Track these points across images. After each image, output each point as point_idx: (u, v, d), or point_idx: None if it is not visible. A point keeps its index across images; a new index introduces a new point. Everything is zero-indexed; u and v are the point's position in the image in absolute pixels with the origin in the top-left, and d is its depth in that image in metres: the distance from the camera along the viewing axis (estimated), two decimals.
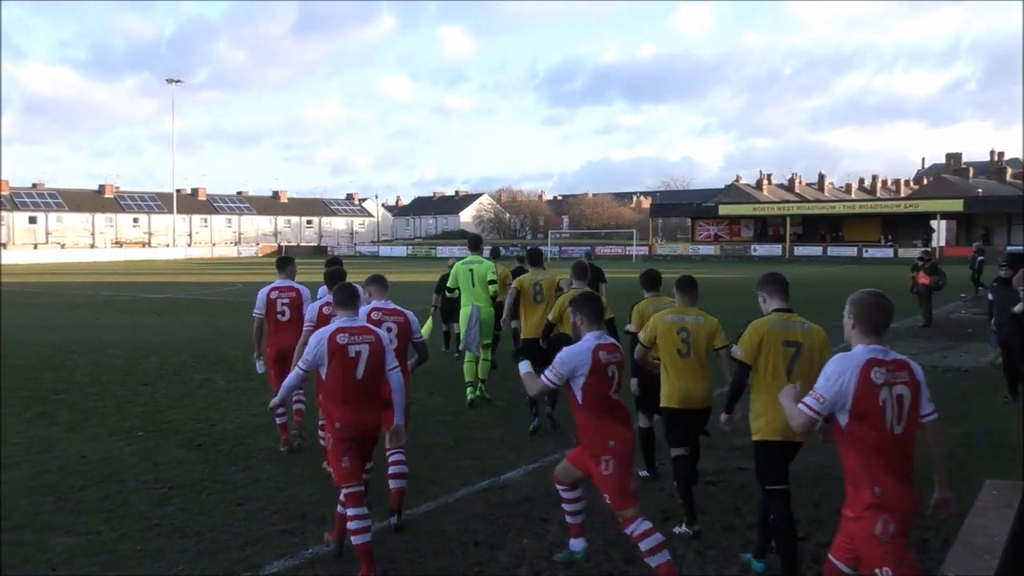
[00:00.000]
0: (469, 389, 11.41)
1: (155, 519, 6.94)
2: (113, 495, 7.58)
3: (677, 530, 6.57)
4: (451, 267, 12.43)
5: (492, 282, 11.52)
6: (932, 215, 72.06)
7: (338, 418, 5.95)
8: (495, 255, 13.97)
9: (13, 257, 75.03)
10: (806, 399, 4.19)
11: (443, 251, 71.49)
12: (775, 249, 75.39)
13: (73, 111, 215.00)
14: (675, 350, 6.74)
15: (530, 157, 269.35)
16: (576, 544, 5.98)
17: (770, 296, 5.98)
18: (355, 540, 5.78)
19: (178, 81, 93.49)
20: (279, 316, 9.07)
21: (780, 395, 4.42)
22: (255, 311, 9.23)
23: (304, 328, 8.00)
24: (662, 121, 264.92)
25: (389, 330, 6.98)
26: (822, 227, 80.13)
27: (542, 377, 5.52)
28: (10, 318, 23.49)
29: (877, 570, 3.97)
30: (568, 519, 6.08)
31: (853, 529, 4.12)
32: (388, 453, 6.83)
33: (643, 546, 5.32)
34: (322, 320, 7.59)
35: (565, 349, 5.56)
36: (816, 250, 73.07)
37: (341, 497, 6.02)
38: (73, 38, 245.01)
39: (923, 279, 20.26)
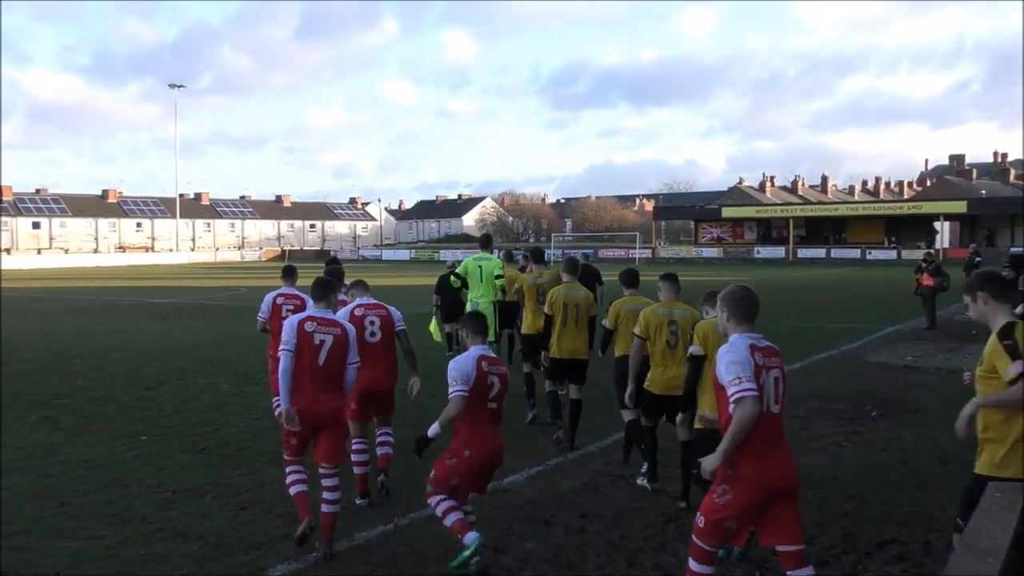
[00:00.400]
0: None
1: (158, 523, 6.94)
2: (116, 499, 7.59)
3: (639, 481, 7.49)
4: (451, 268, 14.58)
5: (499, 277, 12.33)
6: (935, 217, 72.02)
7: (294, 401, 6.42)
8: (508, 259, 14.50)
9: (16, 262, 75.16)
10: (742, 386, 4.48)
11: (446, 254, 71.59)
12: (778, 251, 75.33)
13: (77, 116, 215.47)
14: (665, 342, 7.35)
15: (533, 160, 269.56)
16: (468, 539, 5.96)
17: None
18: (292, 490, 6.56)
19: (181, 86, 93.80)
20: (283, 322, 9.08)
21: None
22: (260, 315, 9.53)
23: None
24: (665, 124, 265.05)
25: (372, 323, 7.65)
26: (825, 229, 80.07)
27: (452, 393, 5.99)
28: (13, 323, 23.53)
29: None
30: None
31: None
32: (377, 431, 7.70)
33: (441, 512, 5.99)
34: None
35: (453, 360, 6.14)
36: (819, 252, 73.01)
37: (287, 479, 6.66)
38: (76, 43, 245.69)
39: (927, 281, 20.24)
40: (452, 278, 13.62)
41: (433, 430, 5.99)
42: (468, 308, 12.35)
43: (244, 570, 5.99)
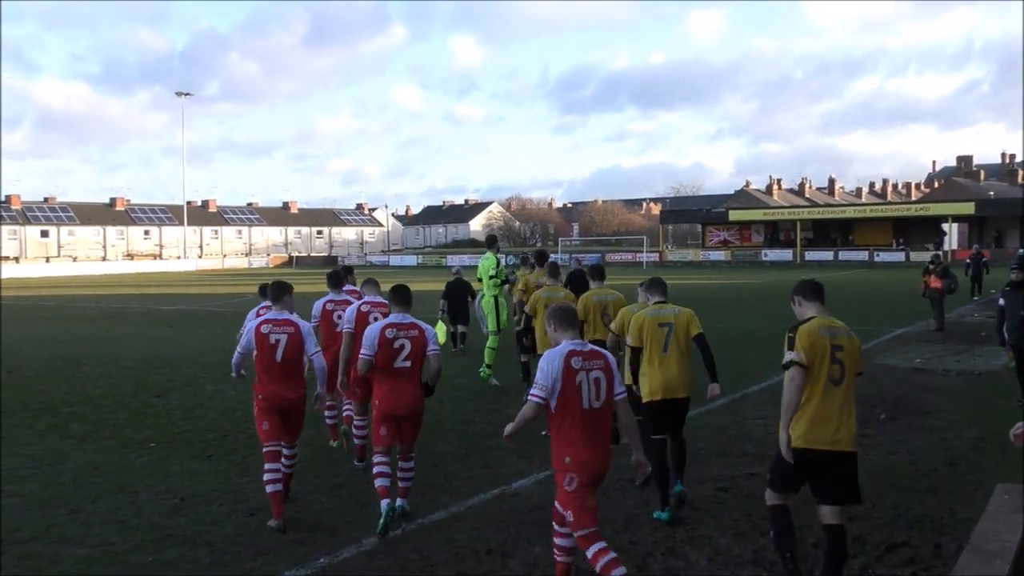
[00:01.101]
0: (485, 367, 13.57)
1: (167, 530, 6.96)
2: (125, 506, 7.61)
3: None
4: (456, 274, 16.90)
5: (492, 276, 13.72)
6: (943, 218, 71.82)
7: (260, 392, 7.37)
8: (525, 262, 15.46)
9: (25, 271, 75.48)
10: (532, 389, 5.32)
11: (452, 260, 71.64)
12: (786, 254, 75.20)
13: (86, 125, 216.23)
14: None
15: (540, 165, 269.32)
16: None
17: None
18: (268, 488, 7.09)
19: (188, 94, 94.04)
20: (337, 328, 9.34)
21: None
22: (346, 325, 8.52)
23: (345, 330, 8.34)
24: (673, 127, 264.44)
25: (376, 319, 8.02)
26: (833, 231, 79.92)
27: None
28: (23, 331, 23.63)
29: (565, 512, 5.32)
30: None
31: (557, 482, 5.38)
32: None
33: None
34: (360, 319, 8.30)
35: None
36: (827, 255, 72.84)
37: (265, 476, 7.20)
38: (87, 52, 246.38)
39: (935, 283, 20.18)
40: (478, 281, 14.94)
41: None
42: (487, 303, 13.97)
43: None
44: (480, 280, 14.33)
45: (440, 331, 15.93)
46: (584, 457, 5.27)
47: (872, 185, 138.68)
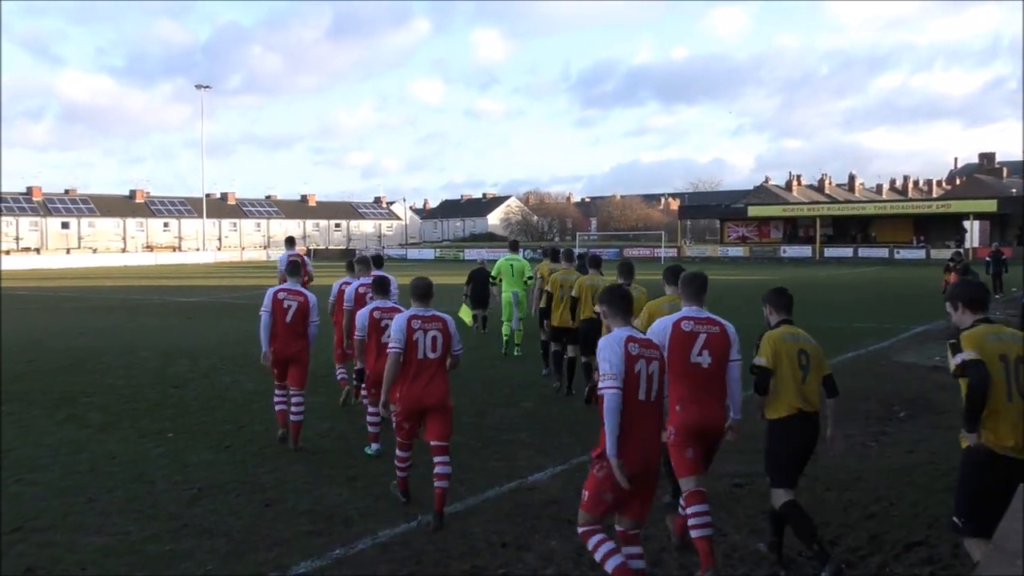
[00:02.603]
0: (505, 344, 15.87)
1: (184, 520, 6.99)
2: (143, 496, 7.65)
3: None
4: (481, 263, 19.32)
5: (529, 277, 15.62)
6: (965, 215, 71.13)
7: (271, 345, 9.48)
8: (546, 254, 16.15)
9: (46, 262, 76.04)
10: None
11: (471, 253, 71.75)
12: (805, 250, 74.78)
13: (109, 118, 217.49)
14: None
15: (560, 160, 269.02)
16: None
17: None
18: (277, 408, 9.59)
19: (207, 87, 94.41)
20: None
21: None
22: (345, 304, 10.71)
23: (345, 307, 10.63)
24: (694, 123, 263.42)
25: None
26: (853, 228, 79.39)
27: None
28: (44, 322, 23.83)
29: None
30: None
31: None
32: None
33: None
34: (359, 300, 10.31)
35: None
36: (847, 251, 72.38)
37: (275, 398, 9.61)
38: (111, 45, 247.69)
39: (955, 280, 20.04)
40: (491, 279, 16.94)
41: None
42: (507, 296, 15.78)
43: (268, 567, 6.01)
44: (496, 278, 16.33)
45: (465, 313, 18.48)
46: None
47: (893, 182, 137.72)
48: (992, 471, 5.01)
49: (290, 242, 10.07)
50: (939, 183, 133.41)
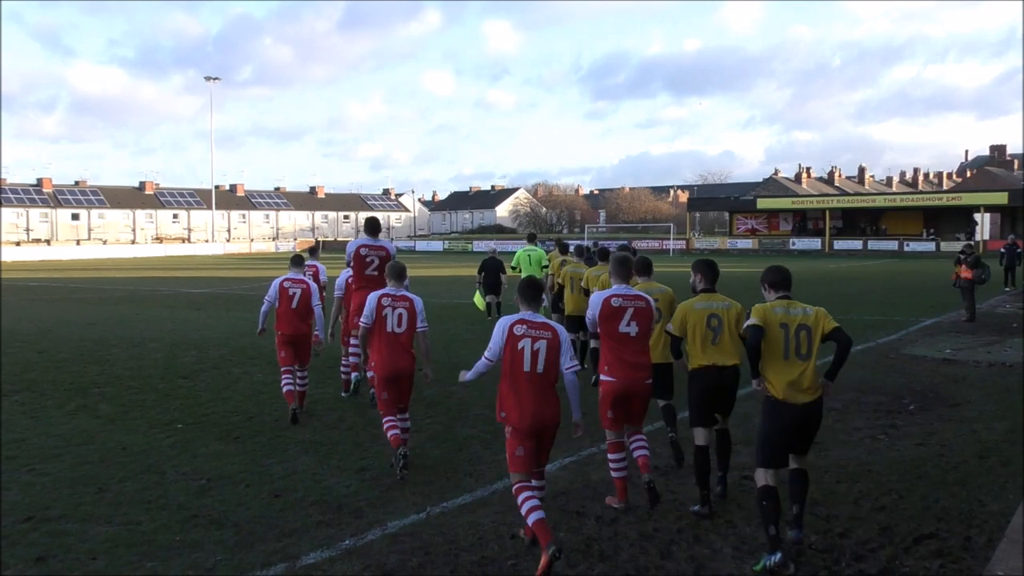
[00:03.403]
0: None
1: (194, 510, 7.01)
2: (153, 486, 7.68)
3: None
4: (493, 252, 20.80)
5: (545, 265, 16.40)
6: (975, 208, 70.85)
7: (280, 329, 10.48)
8: (556, 245, 17.46)
9: (56, 253, 76.39)
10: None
11: (479, 245, 71.88)
12: (814, 243, 74.61)
13: (120, 109, 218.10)
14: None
15: (569, 152, 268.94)
16: None
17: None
18: (284, 390, 10.39)
19: (216, 79, 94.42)
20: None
21: None
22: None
23: (336, 295, 11.46)
24: (705, 115, 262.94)
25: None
26: (862, 221, 79.13)
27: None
28: (55, 313, 23.91)
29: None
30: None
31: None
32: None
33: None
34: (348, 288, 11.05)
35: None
36: (856, 244, 72.20)
37: (284, 381, 10.44)
38: (123, 37, 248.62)
39: (965, 273, 19.93)
40: (512, 268, 18.07)
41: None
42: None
43: (277, 557, 6.02)
44: (516, 267, 17.62)
45: (479, 300, 19.92)
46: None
47: (903, 174, 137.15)
48: (778, 414, 6.08)
49: (298, 261, 9.62)
50: (950, 175, 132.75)
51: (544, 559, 5.50)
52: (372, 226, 11.18)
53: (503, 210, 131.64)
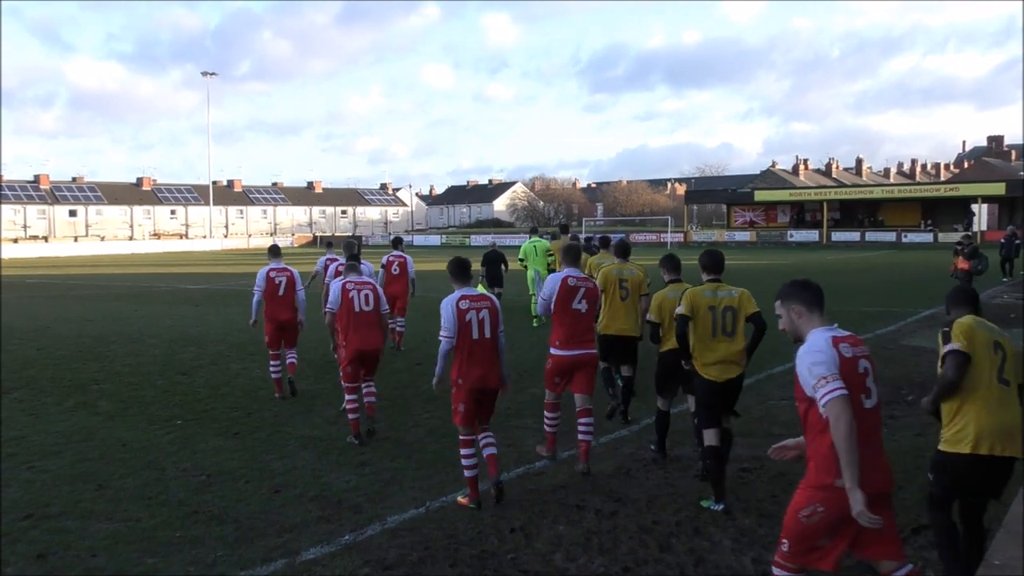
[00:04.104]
0: (535, 319, 17.85)
1: (194, 506, 7.02)
2: (152, 483, 7.68)
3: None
4: (493, 246, 20.59)
5: (549, 253, 18.21)
6: (973, 199, 70.76)
7: (269, 316, 11.35)
8: (564, 230, 19.44)
9: (54, 250, 76.33)
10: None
11: (476, 239, 71.88)
12: (812, 235, 74.57)
13: (118, 104, 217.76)
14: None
15: (568, 145, 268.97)
16: None
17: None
18: (273, 376, 11.44)
19: (213, 74, 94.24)
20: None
21: None
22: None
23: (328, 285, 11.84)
24: (704, 106, 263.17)
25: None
26: (860, 212, 79.07)
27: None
28: (53, 310, 23.90)
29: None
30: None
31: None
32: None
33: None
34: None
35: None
36: (854, 235, 72.15)
37: (272, 367, 11.53)
38: (122, 31, 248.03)
39: (962, 264, 19.94)
40: (519, 261, 19.14)
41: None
42: (530, 273, 18.54)
43: (277, 553, 6.03)
44: (523, 259, 18.80)
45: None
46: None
47: (900, 165, 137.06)
48: (707, 388, 6.99)
49: (276, 251, 11.01)
50: (947, 166, 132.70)
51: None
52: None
53: (501, 204, 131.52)
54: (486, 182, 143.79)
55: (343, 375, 9.35)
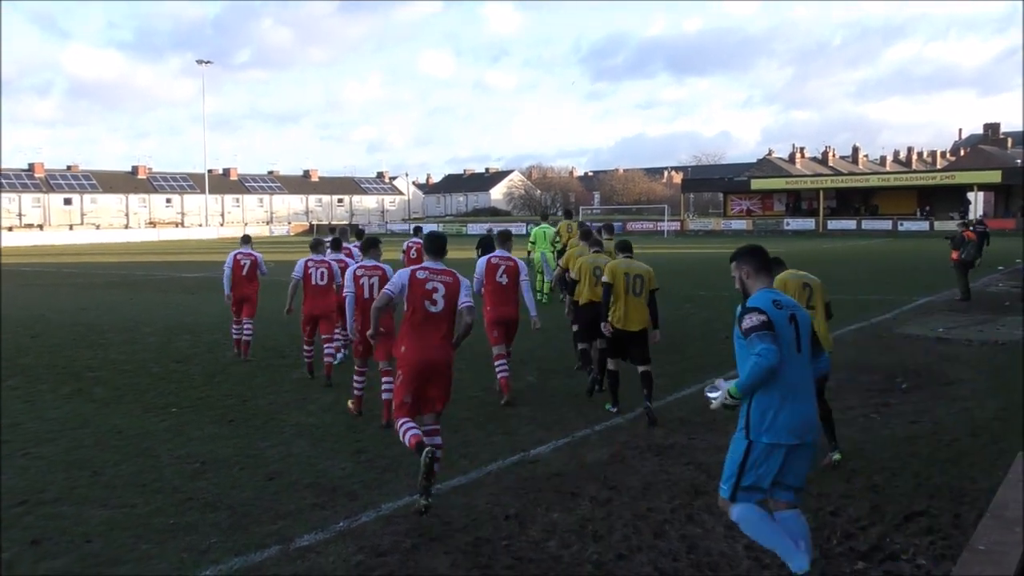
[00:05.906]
0: (539, 292, 19.35)
1: (188, 493, 7.03)
2: (147, 470, 7.69)
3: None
4: (489, 231, 22.98)
5: (556, 240, 20.12)
6: (969, 187, 70.74)
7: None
8: (568, 215, 21.98)
9: (49, 238, 76.19)
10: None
11: (473, 228, 71.84)
12: (808, 223, 74.58)
13: (117, 92, 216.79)
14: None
15: (566, 134, 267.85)
16: None
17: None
18: (244, 337, 13.38)
19: (208, 62, 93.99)
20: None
21: None
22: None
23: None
24: (704, 95, 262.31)
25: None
26: (856, 200, 79.07)
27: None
28: (48, 298, 23.87)
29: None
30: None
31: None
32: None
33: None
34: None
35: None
36: (850, 224, 72.18)
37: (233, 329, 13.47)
38: (122, 19, 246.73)
39: (953, 255, 19.97)
40: (530, 243, 21.30)
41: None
42: (537, 255, 20.66)
43: (271, 540, 6.03)
44: (534, 242, 21.05)
45: None
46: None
47: (896, 153, 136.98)
48: (617, 336, 9.17)
49: (247, 239, 14.54)
50: (943, 154, 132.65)
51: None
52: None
53: (497, 193, 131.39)
54: (483, 171, 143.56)
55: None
